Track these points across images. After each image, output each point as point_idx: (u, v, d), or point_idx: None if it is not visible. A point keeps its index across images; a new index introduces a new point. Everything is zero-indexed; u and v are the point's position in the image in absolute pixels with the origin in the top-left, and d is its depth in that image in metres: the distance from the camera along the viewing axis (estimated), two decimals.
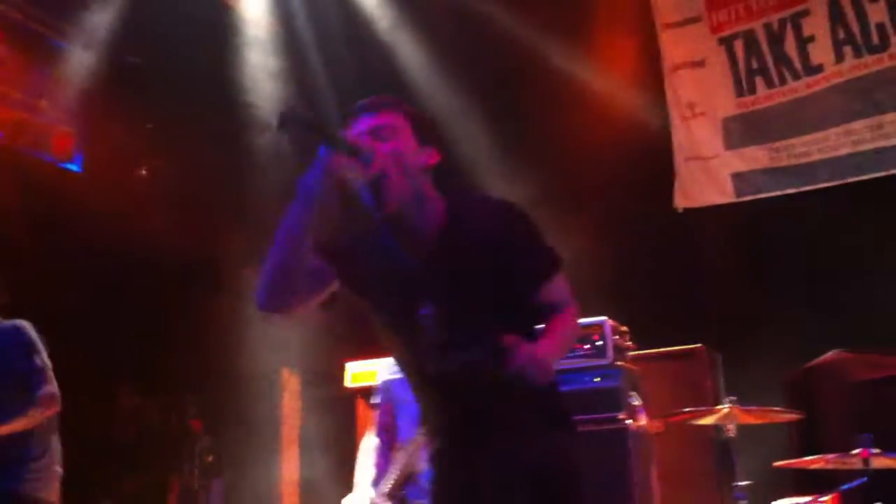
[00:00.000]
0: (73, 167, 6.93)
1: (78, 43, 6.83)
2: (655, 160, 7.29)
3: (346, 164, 2.54)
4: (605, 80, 7.34)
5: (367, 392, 6.21)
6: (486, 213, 2.73)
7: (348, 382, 6.42)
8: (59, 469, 4.61)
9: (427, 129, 2.76)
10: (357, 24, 7.68)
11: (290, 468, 7.25)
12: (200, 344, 6.75)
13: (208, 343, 6.74)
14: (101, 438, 6.69)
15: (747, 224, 6.86)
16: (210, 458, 6.82)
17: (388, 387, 4.46)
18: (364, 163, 2.55)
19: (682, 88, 7.40)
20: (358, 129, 2.66)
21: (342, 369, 6.44)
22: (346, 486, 4.73)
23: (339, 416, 6.64)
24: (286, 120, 2.49)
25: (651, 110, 7.35)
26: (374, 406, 4.59)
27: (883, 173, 6.60)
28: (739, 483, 4.82)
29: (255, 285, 2.62)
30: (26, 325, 4.63)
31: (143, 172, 7.31)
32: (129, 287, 6.85)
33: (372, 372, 6.15)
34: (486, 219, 2.70)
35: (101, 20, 6.85)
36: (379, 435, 4.51)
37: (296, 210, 2.54)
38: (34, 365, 4.53)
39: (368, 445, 4.54)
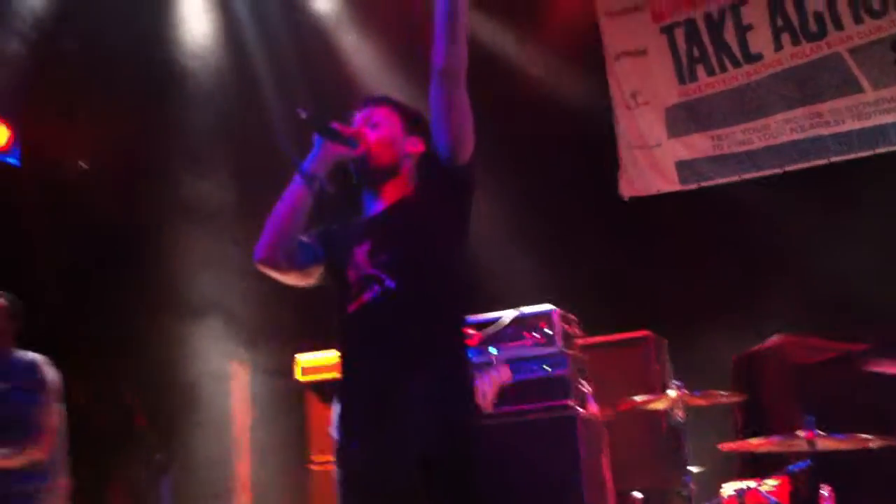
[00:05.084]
0: (12, 160, 6.75)
1: (9, 30, 6.67)
2: (601, 148, 7.33)
3: (336, 148, 3.07)
4: (549, 66, 7.35)
5: (318, 386, 6.16)
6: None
7: (299, 376, 6.32)
8: (64, 482, 4.62)
9: (414, 122, 3.21)
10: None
11: (242, 465, 7.16)
12: (148, 339, 6.65)
13: (155, 338, 6.63)
14: None
15: (692, 211, 6.93)
16: (157, 456, 6.72)
17: None
18: (351, 146, 3.07)
19: (624, 77, 7.46)
20: (355, 120, 3.18)
21: (292, 362, 6.33)
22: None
23: (290, 409, 6.55)
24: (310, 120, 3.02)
25: (595, 97, 7.38)
26: None
27: (823, 161, 6.72)
28: (691, 468, 4.89)
29: (257, 240, 3.07)
30: (41, 361, 4.58)
31: (83, 165, 7.15)
32: (74, 285, 6.73)
33: (324, 361, 6.10)
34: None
35: (31, 5, 6.71)
36: None
37: (294, 186, 3.06)
38: (38, 402, 4.49)
39: None
